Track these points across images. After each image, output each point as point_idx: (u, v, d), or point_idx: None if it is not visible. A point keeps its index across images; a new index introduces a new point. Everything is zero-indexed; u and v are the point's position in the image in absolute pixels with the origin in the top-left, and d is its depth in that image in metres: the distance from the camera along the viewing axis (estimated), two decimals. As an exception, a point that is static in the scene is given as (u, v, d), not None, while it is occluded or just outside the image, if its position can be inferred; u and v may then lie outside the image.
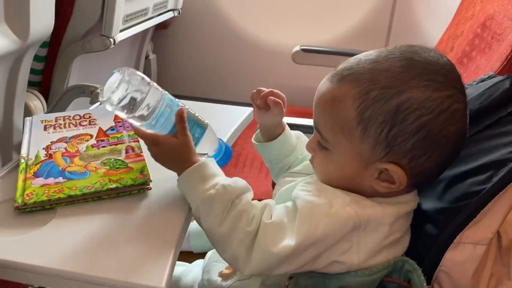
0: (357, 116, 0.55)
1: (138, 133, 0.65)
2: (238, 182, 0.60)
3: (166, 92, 0.66)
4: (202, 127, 0.68)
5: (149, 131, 0.64)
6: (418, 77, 0.54)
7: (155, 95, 0.63)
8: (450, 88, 0.54)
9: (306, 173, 0.68)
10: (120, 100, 0.60)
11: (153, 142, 0.63)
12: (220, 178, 0.60)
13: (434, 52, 0.57)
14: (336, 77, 0.57)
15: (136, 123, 0.64)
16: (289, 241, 0.53)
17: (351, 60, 0.58)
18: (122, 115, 0.62)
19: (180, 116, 0.63)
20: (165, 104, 0.63)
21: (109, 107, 0.61)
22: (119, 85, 0.59)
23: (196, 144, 0.66)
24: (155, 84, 0.64)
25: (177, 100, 0.67)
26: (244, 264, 0.55)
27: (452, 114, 0.54)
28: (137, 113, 0.61)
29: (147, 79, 0.63)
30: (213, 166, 0.62)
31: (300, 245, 0.53)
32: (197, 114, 0.68)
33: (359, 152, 0.56)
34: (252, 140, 0.77)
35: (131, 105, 0.60)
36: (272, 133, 0.74)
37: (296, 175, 0.69)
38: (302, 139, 0.75)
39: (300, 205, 0.56)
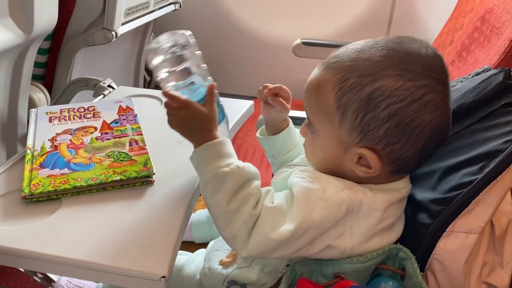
0: (336, 102, 0.57)
1: (168, 94, 0.64)
2: (251, 167, 0.62)
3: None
4: (223, 114, 0.70)
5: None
6: (394, 66, 0.55)
7: (198, 61, 0.66)
8: (426, 78, 0.55)
9: (302, 164, 0.70)
10: (171, 47, 0.63)
11: (183, 105, 0.63)
12: (235, 159, 0.62)
13: (419, 43, 0.58)
14: (323, 65, 0.60)
15: (169, 83, 0.65)
16: (287, 226, 0.56)
17: (341, 49, 0.60)
18: (163, 68, 0.64)
19: (212, 89, 0.66)
20: (203, 74, 0.67)
21: (159, 53, 0.63)
22: (176, 38, 0.64)
23: None
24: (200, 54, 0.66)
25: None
26: (242, 245, 0.57)
27: (426, 104, 0.55)
28: (179, 68, 0.64)
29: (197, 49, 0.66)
30: (230, 146, 0.63)
31: (297, 229, 0.55)
32: (221, 102, 0.70)
33: (338, 137, 0.59)
34: (257, 134, 0.79)
35: (178, 59, 0.64)
36: (276, 128, 0.76)
37: (293, 167, 0.71)
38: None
39: (296, 190, 0.58)
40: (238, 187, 0.58)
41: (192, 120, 0.64)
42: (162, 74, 0.65)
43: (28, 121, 1.10)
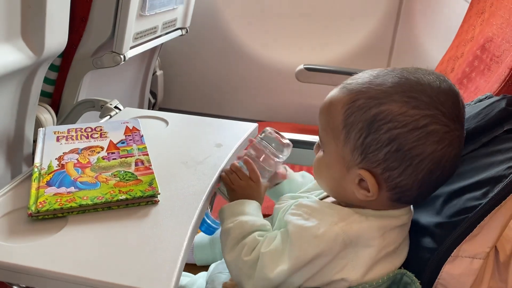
0: (343, 120, 0.59)
1: (250, 164, 0.75)
2: (258, 221, 0.66)
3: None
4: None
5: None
6: (402, 92, 0.57)
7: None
8: (432, 108, 0.56)
9: (315, 189, 0.73)
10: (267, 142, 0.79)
11: (255, 179, 0.73)
12: (245, 216, 0.66)
13: (435, 76, 0.59)
14: (339, 86, 0.63)
15: (256, 159, 0.77)
16: (283, 266, 0.58)
17: (359, 73, 0.63)
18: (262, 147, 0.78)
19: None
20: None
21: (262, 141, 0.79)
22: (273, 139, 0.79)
23: None
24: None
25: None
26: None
27: (428, 134, 0.56)
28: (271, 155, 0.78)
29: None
30: (247, 206, 0.68)
31: (293, 269, 0.58)
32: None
33: (342, 155, 0.60)
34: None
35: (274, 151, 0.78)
36: (276, 181, 0.81)
37: (303, 194, 0.73)
38: (307, 177, 0.80)
39: (290, 230, 0.60)
40: (237, 239, 0.63)
41: (249, 188, 0.72)
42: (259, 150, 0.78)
43: (34, 141, 1.11)
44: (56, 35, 0.99)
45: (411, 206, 0.63)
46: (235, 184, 0.73)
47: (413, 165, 0.57)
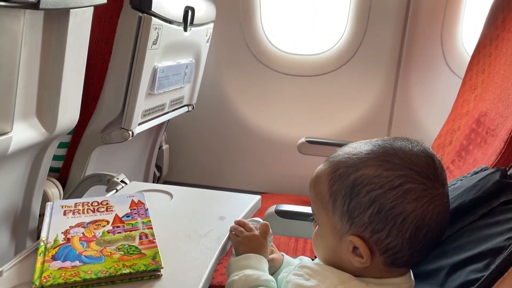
0: (328, 190, 0.62)
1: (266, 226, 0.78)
2: (262, 276, 0.67)
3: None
4: None
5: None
6: (376, 158, 0.61)
7: None
8: (405, 169, 0.59)
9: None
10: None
11: (265, 235, 0.77)
12: (251, 270, 0.68)
13: (409, 142, 0.63)
14: (325, 160, 0.67)
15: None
16: None
17: (343, 147, 0.66)
18: None
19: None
20: None
21: None
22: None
23: None
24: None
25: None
26: None
27: (405, 192, 0.58)
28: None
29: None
30: (253, 259, 0.70)
31: None
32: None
33: (333, 224, 0.62)
34: None
35: None
36: (274, 267, 0.81)
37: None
38: (304, 260, 0.80)
39: None
40: None
41: (255, 240, 0.75)
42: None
43: (40, 215, 1.12)
44: (69, 113, 1.04)
45: (411, 274, 0.63)
46: (241, 235, 0.76)
47: (397, 225, 0.58)
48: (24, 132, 0.91)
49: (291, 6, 2.08)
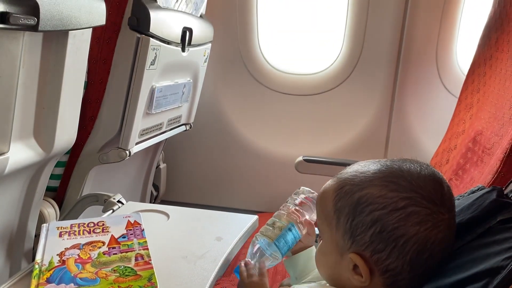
0: (333, 207, 0.63)
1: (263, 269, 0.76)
2: None
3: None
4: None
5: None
6: (382, 178, 0.61)
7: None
8: (410, 191, 0.59)
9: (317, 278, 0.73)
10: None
11: (263, 275, 0.74)
12: None
13: (418, 165, 0.62)
14: (334, 176, 0.67)
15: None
16: None
17: (352, 165, 0.66)
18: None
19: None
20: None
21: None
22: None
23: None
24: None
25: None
26: None
27: (408, 215, 0.58)
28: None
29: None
30: None
31: None
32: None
33: (336, 241, 0.62)
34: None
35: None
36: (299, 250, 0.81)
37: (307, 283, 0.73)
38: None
39: None
40: None
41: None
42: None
43: (35, 235, 1.11)
44: (66, 133, 1.04)
45: None
46: (247, 280, 0.73)
47: (399, 247, 0.58)
48: (21, 152, 0.91)
49: (288, 27, 2.11)
